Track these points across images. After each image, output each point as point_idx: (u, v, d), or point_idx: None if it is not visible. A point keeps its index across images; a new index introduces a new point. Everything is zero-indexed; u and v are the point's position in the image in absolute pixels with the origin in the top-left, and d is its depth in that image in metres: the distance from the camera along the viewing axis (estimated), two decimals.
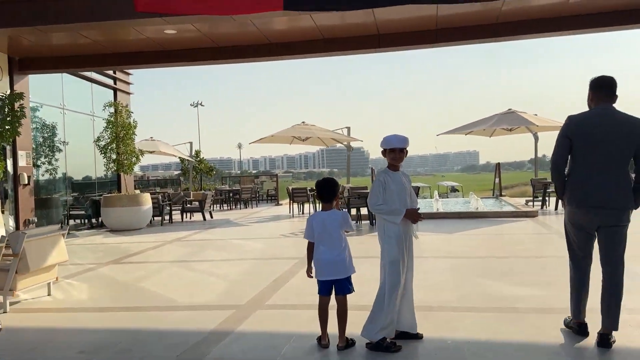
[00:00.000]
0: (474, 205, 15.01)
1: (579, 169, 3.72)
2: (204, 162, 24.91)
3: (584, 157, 3.67)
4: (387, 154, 3.99)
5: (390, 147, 3.94)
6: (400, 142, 3.94)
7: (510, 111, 15.79)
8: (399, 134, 3.99)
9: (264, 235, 11.18)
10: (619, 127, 3.59)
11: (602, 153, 3.61)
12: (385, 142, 3.98)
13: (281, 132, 17.33)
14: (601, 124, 3.62)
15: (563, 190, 3.85)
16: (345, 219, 3.89)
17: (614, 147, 3.58)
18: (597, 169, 3.63)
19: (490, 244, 8.77)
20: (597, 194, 3.62)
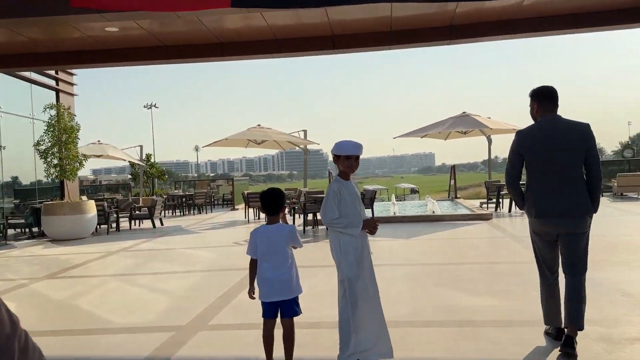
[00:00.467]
0: (430, 208, 14.98)
1: (535, 181, 3.74)
2: (155, 166, 24.05)
3: (539, 168, 3.70)
4: (340, 161, 3.70)
5: (346, 154, 3.65)
6: (357, 148, 3.65)
7: (464, 114, 15.88)
8: (353, 140, 3.70)
9: (216, 243, 10.71)
10: (568, 135, 3.63)
11: (557, 162, 3.64)
12: (339, 148, 3.68)
13: (236, 136, 16.86)
14: (552, 134, 3.65)
15: (523, 203, 3.87)
16: (293, 234, 3.56)
17: (567, 155, 3.62)
18: (554, 179, 3.65)
19: (446, 249, 8.64)
20: (556, 204, 3.64)
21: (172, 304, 5.67)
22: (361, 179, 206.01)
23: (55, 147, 12.64)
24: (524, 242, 8.63)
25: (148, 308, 5.54)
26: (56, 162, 12.68)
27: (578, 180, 3.65)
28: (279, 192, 3.64)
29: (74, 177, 13.03)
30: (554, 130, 3.67)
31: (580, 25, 9.49)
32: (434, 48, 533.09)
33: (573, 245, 3.68)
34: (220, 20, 9.29)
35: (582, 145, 3.62)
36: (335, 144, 3.73)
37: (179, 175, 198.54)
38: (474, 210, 13.65)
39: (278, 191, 3.64)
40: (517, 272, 6.49)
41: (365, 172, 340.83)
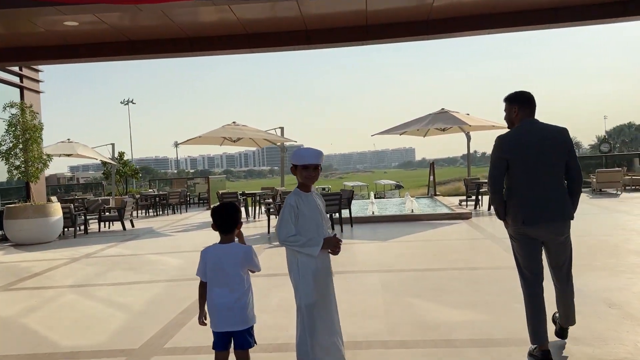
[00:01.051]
0: (408, 207, 14.69)
1: (519, 187, 3.66)
2: (128, 164, 23.35)
3: (522, 174, 3.63)
4: (298, 171, 3.33)
5: (303, 164, 3.28)
6: (315, 157, 3.28)
7: (443, 111, 15.62)
8: (313, 148, 3.33)
9: (186, 247, 10.26)
10: (549, 139, 3.62)
11: (540, 167, 3.60)
12: (296, 157, 3.31)
13: (211, 133, 16.34)
14: (534, 139, 3.62)
15: (505, 211, 3.77)
16: (248, 256, 3.17)
17: (549, 159, 3.60)
18: (538, 184, 3.61)
19: (424, 252, 8.33)
20: (542, 209, 3.60)
21: (128, 322, 5.23)
22: (342, 174, 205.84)
23: (17, 148, 12.01)
24: (504, 244, 8.37)
25: (101, 327, 5.09)
26: (18, 164, 12.06)
27: (561, 184, 3.67)
28: (234, 207, 3.25)
29: (37, 179, 12.40)
30: (536, 134, 3.64)
31: (560, 20, 9.25)
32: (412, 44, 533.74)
33: (561, 250, 3.69)
34: (188, 13, 8.82)
35: (563, 149, 3.62)
36: (294, 152, 3.36)
37: (157, 172, 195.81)
38: (453, 209, 13.41)
39: (232, 206, 3.25)
40: (498, 279, 6.19)
41: (347, 167, 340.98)
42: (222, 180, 24.29)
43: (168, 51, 10.08)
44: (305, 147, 3.36)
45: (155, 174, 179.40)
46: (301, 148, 3.36)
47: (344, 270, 7.01)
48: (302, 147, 3.37)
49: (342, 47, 10.33)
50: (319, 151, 3.31)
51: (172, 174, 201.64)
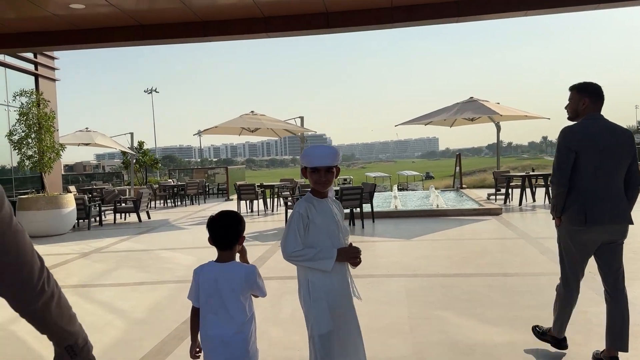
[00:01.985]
0: (434, 201, 14.01)
1: (584, 183, 3.45)
2: (148, 154, 23.07)
3: (590, 170, 3.43)
4: (308, 174, 2.74)
5: (312, 166, 2.69)
6: (326, 157, 2.67)
7: (471, 99, 14.82)
8: (326, 146, 2.72)
9: (199, 242, 9.79)
10: (616, 137, 3.47)
11: (606, 165, 3.43)
12: (305, 158, 2.72)
13: (228, 123, 15.85)
14: (605, 135, 3.45)
15: (563, 207, 3.53)
16: (251, 278, 2.57)
17: (615, 158, 3.45)
18: (604, 182, 3.44)
19: (452, 254, 7.68)
20: (608, 210, 3.42)
21: (125, 332, 4.75)
22: (364, 164, 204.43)
23: (29, 138, 11.70)
24: (540, 245, 7.66)
25: (94, 338, 4.58)
26: (30, 154, 11.75)
27: (621, 186, 3.50)
28: (234, 218, 2.65)
29: (50, 169, 12.08)
30: (606, 131, 3.47)
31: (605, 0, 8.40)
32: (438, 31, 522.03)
33: (618, 255, 3.52)
34: None
35: (629, 151, 3.48)
36: (303, 152, 2.77)
37: (181, 161, 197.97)
38: (482, 205, 12.67)
39: (232, 217, 2.65)
40: (538, 288, 5.53)
41: (369, 157, 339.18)
42: (242, 170, 23.85)
43: (180, 36, 9.55)
44: (316, 146, 2.76)
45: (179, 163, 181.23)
46: (312, 146, 2.76)
47: (365, 274, 6.43)
48: (313, 146, 2.78)
49: (365, 31, 9.65)
50: (332, 150, 2.71)
51: (196, 162, 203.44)
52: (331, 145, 2.75)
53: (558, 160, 3.49)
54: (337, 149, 2.73)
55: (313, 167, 2.67)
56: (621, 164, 3.45)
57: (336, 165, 2.72)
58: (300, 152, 15.49)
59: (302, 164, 2.75)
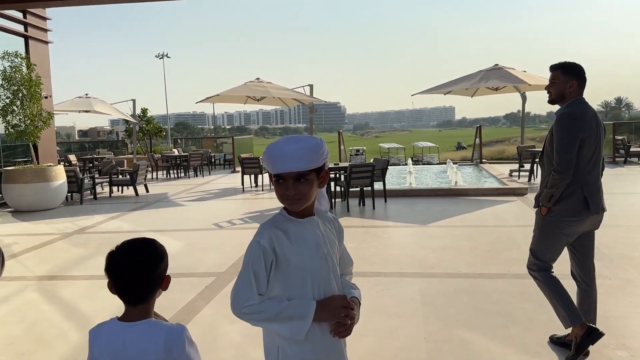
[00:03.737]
0: (452, 177, 12.96)
1: (584, 173, 3.32)
2: (152, 121, 22.16)
3: (587, 159, 3.32)
4: (273, 185, 1.75)
5: (275, 173, 1.70)
6: (294, 159, 1.65)
7: (496, 67, 13.57)
8: (296, 139, 1.70)
9: (194, 224, 8.92)
10: (601, 124, 3.40)
11: (597, 153, 3.36)
12: (264, 159, 1.73)
13: (232, 91, 14.81)
14: (596, 122, 3.35)
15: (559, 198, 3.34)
16: (175, 347, 1.61)
17: (600, 146, 3.39)
18: (596, 172, 3.38)
19: (474, 245, 6.69)
20: (600, 200, 3.37)
21: (74, 350, 3.89)
22: (378, 132, 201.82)
23: (14, 105, 10.80)
24: None
25: (40, 356, 3.76)
26: (15, 122, 10.88)
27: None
28: (149, 253, 1.68)
29: (36, 139, 11.22)
30: (595, 118, 3.36)
31: None
32: None
33: (593, 243, 3.52)
34: None
35: (604, 138, 3.45)
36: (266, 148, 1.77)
37: (194, 128, 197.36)
38: (505, 183, 11.60)
39: (147, 252, 1.67)
40: None
41: (383, 126, 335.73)
42: (250, 140, 22.87)
43: None
44: (281, 140, 1.72)
45: (192, 130, 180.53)
46: (274, 143, 1.75)
47: (374, 272, 5.50)
48: (276, 141, 1.77)
49: None
50: (305, 145, 1.67)
51: (209, 129, 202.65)
52: (308, 136, 1.71)
53: (566, 149, 3.23)
54: (317, 142, 1.70)
55: (277, 175, 1.69)
56: (602, 152, 3.40)
57: (318, 169, 1.72)
58: (310, 123, 14.24)
59: (264, 166, 1.75)
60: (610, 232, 6.87)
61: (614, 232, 6.87)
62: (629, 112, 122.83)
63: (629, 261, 5.64)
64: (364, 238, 7.25)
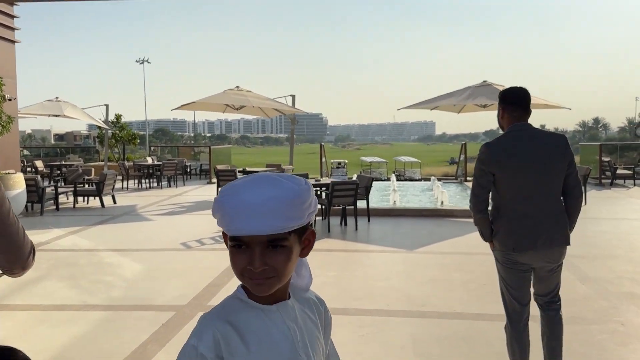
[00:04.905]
0: (438, 197, 12.44)
1: (508, 206, 3.06)
2: (126, 128, 21.26)
3: (512, 191, 3.04)
4: (229, 252, 1.09)
5: (232, 235, 1.05)
6: (262, 217, 1.01)
7: (485, 83, 13.13)
8: (264, 181, 1.06)
9: (159, 242, 8.16)
10: (544, 149, 3.01)
11: (533, 183, 3.01)
12: (218, 212, 1.08)
13: (210, 99, 14.11)
14: (525, 148, 3.01)
15: (491, 232, 3.14)
16: None
17: (544, 174, 3.01)
18: (530, 204, 3.02)
19: (467, 277, 6.09)
20: (536, 234, 3.01)
21: None
22: (359, 145, 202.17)
23: None
24: (574, 267, 5.99)
25: None
26: None
27: (558, 203, 3.09)
28: None
29: None
30: (528, 143, 3.03)
31: None
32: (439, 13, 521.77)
33: (553, 279, 3.19)
34: None
35: (561, 162, 3.03)
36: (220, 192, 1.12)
37: (174, 135, 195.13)
38: None
39: None
40: (600, 345, 3.97)
41: (364, 138, 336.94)
42: (228, 149, 22.11)
43: None
44: (250, 179, 1.07)
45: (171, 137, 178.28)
46: (236, 183, 1.08)
47: (357, 309, 4.86)
48: (244, 180, 1.09)
49: None
50: (288, 195, 1.04)
51: (189, 137, 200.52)
52: (287, 177, 1.04)
53: (473, 184, 3.16)
54: (300, 188, 1.07)
55: (232, 237, 1.05)
56: (552, 180, 3.04)
57: (301, 228, 1.09)
58: (291, 135, 13.61)
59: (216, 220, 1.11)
60: (611, 265, 6.35)
61: (614, 265, 6.35)
62: (605, 132, 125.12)
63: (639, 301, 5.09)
64: (346, 265, 6.61)
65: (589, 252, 6.92)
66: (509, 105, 3.11)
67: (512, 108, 3.09)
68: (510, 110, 3.09)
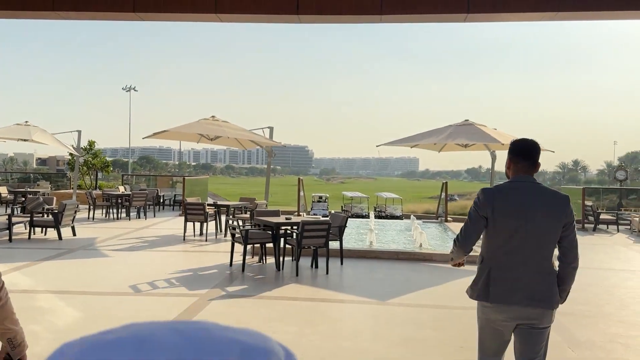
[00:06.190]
0: (416, 238, 11.86)
1: (494, 256, 2.98)
2: (99, 155, 20.49)
3: (501, 240, 2.96)
4: None
5: None
6: None
7: (467, 123, 12.79)
8: None
9: (107, 284, 7.41)
10: (546, 204, 2.92)
11: (525, 237, 2.91)
12: None
13: (183, 128, 13.55)
14: (523, 200, 2.94)
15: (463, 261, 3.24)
16: None
17: (539, 230, 2.90)
18: (519, 255, 2.92)
19: (443, 338, 5.46)
20: (519, 288, 2.90)
21: None
22: (344, 178, 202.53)
23: None
24: (562, 328, 5.39)
25: None
26: None
27: (548, 262, 2.96)
28: None
29: None
30: (528, 196, 2.95)
31: None
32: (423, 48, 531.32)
33: (535, 343, 2.98)
34: None
35: (558, 221, 2.91)
36: None
37: (159, 162, 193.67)
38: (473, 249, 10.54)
39: None
40: None
41: (349, 172, 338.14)
42: (205, 180, 21.39)
43: (109, 10, 7.25)
44: None
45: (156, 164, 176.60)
46: None
47: None
48: None
49: (339, 24, 7.48)
50: None
51: (174, 165, 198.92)
52: None
53: (466, 223, 3.08)
54: None
55: None
56: (546, 237, 2.93)
57: None
58: (267, 168, 13.07)
59: None
60: (602, 327, 5.77)
61: (606, 327, 5.78)
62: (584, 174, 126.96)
63: None
64: (310, 318, 5.93)
65: (577, 310, 6.35)
66: (515, 157, 3.05)
67: (518, 159, 3.04)
68: (516, 162, 3.04)
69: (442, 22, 7.36)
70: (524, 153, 3.05)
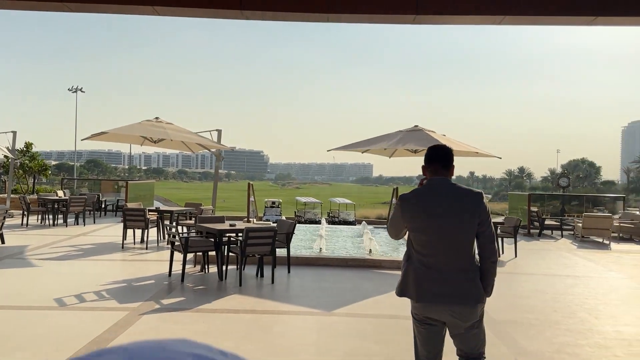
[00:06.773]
0: (366, 244, 11.67)
1: (416, 257, 3.06)
2: (37, 158, 19.34)
3: (421, 242, 3.04)
4: None
5: None
6: None
7: (416, 129, 12.71)
8: None
9: (29, 296, 6.78)
10: (458, 203, 3.02)
11: (442, 237, 2.99)
12: None
13: (124, 129, 12.84)
14: (437, 202, 3.04)
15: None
16: None
17: (456, 228, 2.99)
18: (438, 257, 2.99)
19: (388, 351, 5.20)
20: (441, 287, 2.95)
21: None
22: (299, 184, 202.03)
23: None
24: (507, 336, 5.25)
25: None
26: None
27: (470, 260, 3.01)
28: None
29: None
30: (442, 196, 3.05)
31: None
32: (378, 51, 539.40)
33: (470, 338, 3.07)
34: None
35: (472, 217, 2.99)
36: None
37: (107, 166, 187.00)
38: None
39: None
40: None
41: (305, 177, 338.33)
42: (150, 185, 20.55)
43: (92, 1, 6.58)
44: None
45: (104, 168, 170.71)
46: None
47: None
48: None
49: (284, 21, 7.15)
50: None
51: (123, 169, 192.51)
52: None
53: (390, 219, 3.27)
54: None
55: None
56: (463, 232, 2.97)
57: None
58: (215, 172, 12.57)
59: None
60: (549, 335, 5.67)
61: (553, 335, 5.68)
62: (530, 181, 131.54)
63: None
64: (249, 332, 5.55)
65: (524, 318, 6.25)
66: (427, 161, 3.20)
67: (430, 163, 3.17)
68: (427, 166, 3.18)
69: (391, 23, 7.16)
70: (433, 157, 3.20)
